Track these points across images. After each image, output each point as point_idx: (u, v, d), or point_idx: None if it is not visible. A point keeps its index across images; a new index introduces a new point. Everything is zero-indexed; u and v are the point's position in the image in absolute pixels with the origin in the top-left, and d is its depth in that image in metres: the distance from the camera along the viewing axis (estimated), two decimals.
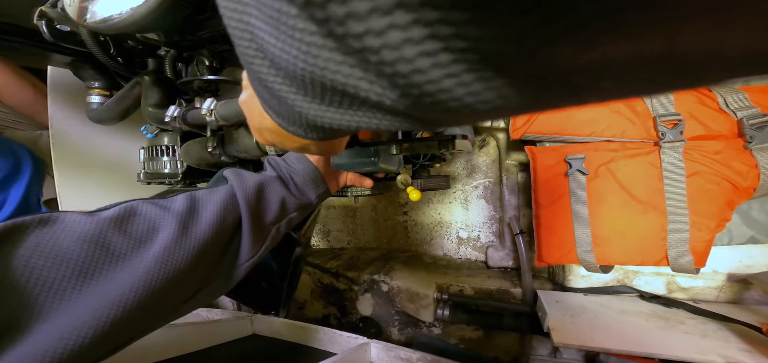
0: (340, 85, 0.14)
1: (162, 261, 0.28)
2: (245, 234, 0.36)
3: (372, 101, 0.14)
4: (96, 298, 0.25)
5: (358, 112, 0.16)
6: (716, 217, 0.67)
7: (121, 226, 0.28)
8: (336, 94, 0.15)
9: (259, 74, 0.17)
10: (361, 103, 0.15)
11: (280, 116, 0.20)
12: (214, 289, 0.35)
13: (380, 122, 0.16)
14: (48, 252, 0.24)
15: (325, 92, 0.15)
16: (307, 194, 0.45)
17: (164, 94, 0.61)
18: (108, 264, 0.26)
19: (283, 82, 0.16)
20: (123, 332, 0.27)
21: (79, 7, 0.44)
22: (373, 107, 0.15)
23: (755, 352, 0.61)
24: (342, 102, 0.16)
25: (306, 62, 0.13)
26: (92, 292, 0.25)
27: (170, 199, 0.33)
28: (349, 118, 0.17)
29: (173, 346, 0.72)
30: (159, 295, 0.28)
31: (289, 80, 0.16)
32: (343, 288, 1.05)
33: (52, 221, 0.25)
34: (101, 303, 0.25)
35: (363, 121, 0.17)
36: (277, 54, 0.14)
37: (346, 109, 0.16)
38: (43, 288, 0.23)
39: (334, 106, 0.16)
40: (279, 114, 0.20)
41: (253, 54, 0.16)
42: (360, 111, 0.16)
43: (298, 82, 0.15)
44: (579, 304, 0.79)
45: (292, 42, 0.13)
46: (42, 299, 0.23)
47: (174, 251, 0.29)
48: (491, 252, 1.10)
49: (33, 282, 0.23)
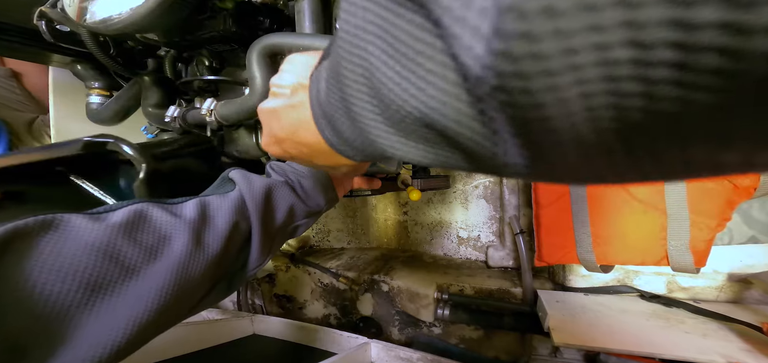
0: (454, 133, 0.14)
1: (177, 275, 0.27)
2: (255, 242, 0.35)
3: (477, 153, 0.14)
4: (110, 316, 0.23)
5: (444, 152, 0.16)
6: (717, 217, 0.67)
7: (132, 234, 0.27)
8: (439, 136, 0.15)
9: (347, 96, 0.17)
10: (457, 147, 0.15)
11: (338, 136, 0.21)
12: (219, 294, 0.35)
13: (458, 164, 0.16)
14: (52, 264, 0.22)
15: (426, 132, 0.15)
16: (317, 200, 0.42)
17: (164, 94, 0.61)
18: (120, 278, 0.25)
19: (374, 109, 0.16)
20: (134, 347, 0.26)
21: (79, 8, 0.44)
22: (472, 157, 0.15)
23: (756, 352, 0.61)
24: (437, 143, 0.16)
25: (428, 105, 0.14)
26: (105, 310, 0.23)
27: (180, 204, 0.32)
28: (429, 156, 0.17)
29: (173, 346, 0.73)
30: (170, 308, 0.27)
31: (386, 110, 0.16)
32: (344, 288, 1.05)
33: (54, 225, 0.24)
34: (115, 322, 0.23)
35: (441, 160, 0.17)
36: (392, 88, 0.14)
37: (434, 148, 0.16)
38: (47, 304, 0.21)
39: (422, 144, 0.16)
40: (337, 133, 0.20)
41: (354, 77, 0.16)
42: (448, 152, 0.16)
43: (395, 116, 0.15)
44: (579, 304, 0.79)
45: (423, 84, 0.13)
46: (52, 319, 0.21)
47: (188, 264, 0.28)
48: (491, 252, 1.10)
49: (37, 299, 0.21)
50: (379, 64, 0.14)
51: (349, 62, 0.16)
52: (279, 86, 0.27)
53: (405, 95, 0.14)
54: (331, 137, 0.22)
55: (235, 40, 0.54)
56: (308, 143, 0.25)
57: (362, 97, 0.17)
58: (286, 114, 0.26)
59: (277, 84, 0.27)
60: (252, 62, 0.47)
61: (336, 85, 0.18)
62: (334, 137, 0.21)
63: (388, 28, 0.13)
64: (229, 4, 0.48)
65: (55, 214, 0.24)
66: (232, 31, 0.50)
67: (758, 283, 0.74)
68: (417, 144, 0.16)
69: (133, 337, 0.24)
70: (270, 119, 0.28)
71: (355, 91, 0.17)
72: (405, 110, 0.15)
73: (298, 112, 0.25)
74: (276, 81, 0.27)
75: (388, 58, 0.14)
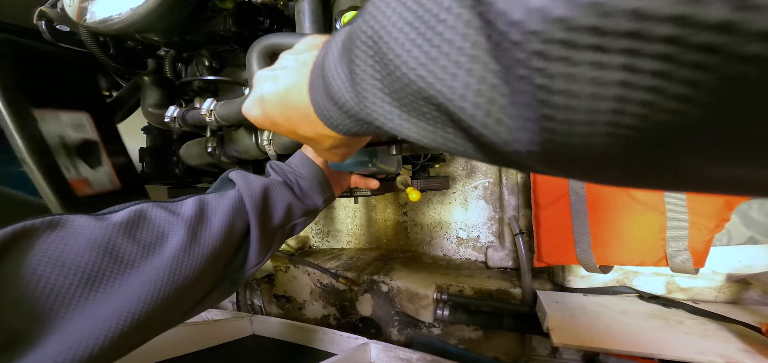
0: (457, 108, 0.14)
1: (171, 270, 0.28)
2: (253, 240, 0.36)
3: (478, 132, 0.14)
4: (104, 308, 0.24)
5: (440, 130, 0.16)
6: (715, 218, 0.67)
7: (131, 232, 0.28)
8: (438, 112, 0.15)
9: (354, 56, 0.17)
10: (460, 128, 0.15)
11: (329, 98, 0.21)
12: (220, 293, 0.35)
13: (461, 148, 0.16)
14: (56, 259, 0.23)
15: (424, 106, 0.15)
16: (314, 199, 0.43)
17: (164, 94, 0.61)
18: (116, 272, 0.26)
19: (375, 74, 0.16)
20: (130, 341, 0.26)
21: (79, 8, 0.44)
22: (471, 137, 0.15)
23: (754, 352, 0.61)
24: (434, 120, 0.15)
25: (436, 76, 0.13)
26: (100, 302, 0.24)
27: (180, 202, 0.33)
28: (422, 133, 0.17)
29: (173, 346, 0.73)
30: (168, 303, 0.28)
31: (387, 76, 0.16)
32: (343, 288, 1.05)
33: (60, 225, 0.25)
34: (109, 314, 0.24)
35: (440, 141, 0.17)
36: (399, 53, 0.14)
37: (430, 125, 0.16)
38: (49, 297, 0.22)
39: (416, 119, 0.16)
40: (330, 96, 0.21)
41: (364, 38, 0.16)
42: (450, 133, 0.16)
43: (396, 84, 0.15)
44: (579, 305, 0.79)
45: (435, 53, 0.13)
46: (49, 309, 0.22)
47: (183, 260, 0.29)
48: (491, 252, 1.10)
49: (40, 290, 0.22)
50: (391, 27, 0.14)
51: (364, 22, 0.16)
52: (286, 56, 0.28)
53: (413, 63, 0.14)
54: (321, 99, 0.22)
55: (235, 40, 0.54)
56: (294, 106, 0.25)
57: (367, 60, 0.17)
58: (284, 76, 0.26)
59: (286, 56, 0.28)
60: (252, 62, 0.47)
61: (346, 44, 0.18)
62: (324, 100, 0.22)
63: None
64: (229, 4, 0.48)
65: (61, 215, 0.26)
66: (232, 31, 0.50)
67: (757, 284, 0.74)
68: (411, 118, 0.16)
69: (127, 330, 0.25)
70: (265, 81, 0.28)
71: (362, 52, 0.17)
72: (408, 78, 0.15)
73: (296, 74, 0.25)
74: (286, 54, 0.28)
75: (404, 23, 0.14)
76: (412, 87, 0.15)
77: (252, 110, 0.29)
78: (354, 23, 0.18)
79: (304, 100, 0.24)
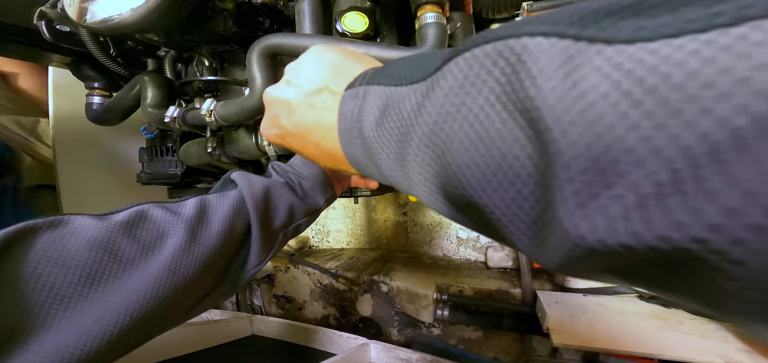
0: (501, 227, 0.15)
1: (170, 269, 0.28)
2: (254, 241, 0.36)
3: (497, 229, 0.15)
4: (102, 307, 0.24)
5: (485, 232, 0.17)
6: None
7: (131, 232, 0.28)
8: (481, 216, 0.16)
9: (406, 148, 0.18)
10: (500, 236, 0.16)
11: (370, 160, 0.21)
12: (221, 294, 0.35)
13: (481, 231, 0.18)
14: (55, 257, 0.24)
15: (473, 212, 0.16)
16: (316, 199, 0.43)
17: (164, 94, 0.61)
18: (115, 271, 0.26)
19: (431, 171, 0.17)
20: (129, 340, 0.26)
21: (79, 8, 0.44)
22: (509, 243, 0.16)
23: (754, 352, 0.61)
24: (474, 218, 0.16)
25: (494, 202, 0.14)
26: (98, 300, 0.24)
27: (181, 202, 0.33)
28: (458, 217, 0.18)
29: (173, 346, 0.73)
30: (166, 303, 0.28)
31: (445, 182, 0.16)
32: (343, 288, 1.05)
33: (61, 225, 0.25)
34: (106, 312, 0.24)
35: (465, 223, 0.18)
36: (464, 172, 0.15)
37: (478, 227, 0.17)
38: (49, 295, 0.23)
39: (455, 212, 0.17)
40: (372, 160, 0.21)
41: (426, 142, 0.17)
42: (489, 234, 0.17)
43: (451, 189, 0.16)
44: (578, 305, 0.79)
45: (501, 190, 0.14)
46: (47, 307, 0.22)
47: (183, 259, 0.29)
48: (491, 252, 1.10)
49: (39, 288, 0.22)
50: (462, 150, 0.15)
51: (426, 125, 0.16)
52: (297, 76, 0.26)
53: (478, 188, 0.14)
54: (362, 160, 0.22)
55: (235, 41, 0.54)
56: (323, 148, 0.25)
57: (425, 160, 0.17)
58: (301, 110, 0.25)
59: (295, 73, 0.26)
60: (252, 63, 0.47)
61: (397, 132, 0.18)
62: (366, 160, 0.21)
63: (487, 127, 0.14)
64: (229, 5, 0.48)
65: (63, 215, 0.26)
66: (232, 31, 0.50)
67: None
68: (457, 214, 0.17)
69: (127, 328, 0.25)
70: (278, 107, 0.27)
71: (419, 152, 0.17)
72: (467, 193, 0.15)
73: (318, 113, 0.24)
74: (294, 69, 0.27)
75: (476, 152, 0.14)
76: (469, 199, 0.15)
77: (270, 133, 0.30)
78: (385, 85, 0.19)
79: (333, 144, 0.24)
